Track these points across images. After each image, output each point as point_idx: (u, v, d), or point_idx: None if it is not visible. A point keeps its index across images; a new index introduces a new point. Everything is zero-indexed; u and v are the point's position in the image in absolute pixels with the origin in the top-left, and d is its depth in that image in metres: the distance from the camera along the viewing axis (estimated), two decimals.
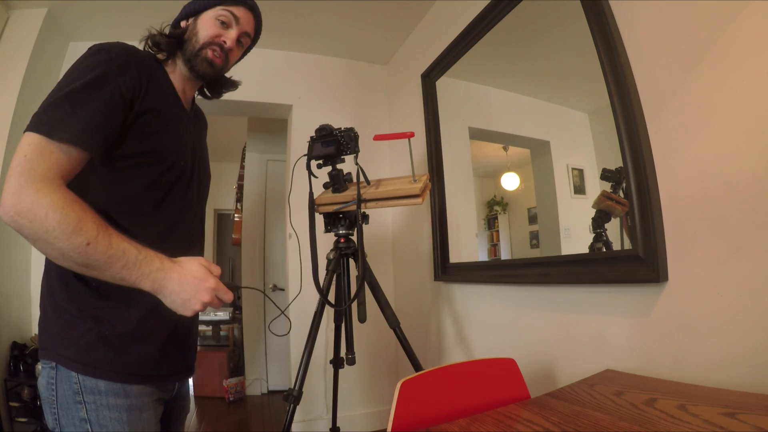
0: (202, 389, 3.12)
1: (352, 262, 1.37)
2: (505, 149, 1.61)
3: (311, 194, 1.30)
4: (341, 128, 1.27)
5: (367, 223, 1.30)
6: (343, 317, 1.40)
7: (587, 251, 1.15)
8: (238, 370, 3.36)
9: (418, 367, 1.26)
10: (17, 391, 1.74)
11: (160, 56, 0.83)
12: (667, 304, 0.92)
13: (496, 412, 0.73)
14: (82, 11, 1.96)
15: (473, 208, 1.75)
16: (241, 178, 3.41)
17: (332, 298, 1.37)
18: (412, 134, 1.19)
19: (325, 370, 2.21)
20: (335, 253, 1.34)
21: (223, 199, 4.95)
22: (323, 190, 1.38)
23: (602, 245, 1.12)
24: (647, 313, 0.96)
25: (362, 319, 1.29)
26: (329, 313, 1.98)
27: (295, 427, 1.44)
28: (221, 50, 0.84)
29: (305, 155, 1.33)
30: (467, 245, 1.78)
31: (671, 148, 0.93)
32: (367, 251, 1.35)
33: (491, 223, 1.64)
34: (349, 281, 1.39)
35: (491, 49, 1.60)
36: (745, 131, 0.79)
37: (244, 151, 3.39)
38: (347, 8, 2.07)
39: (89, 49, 0.70)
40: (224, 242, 5.11)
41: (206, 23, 0.84)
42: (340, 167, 1.31)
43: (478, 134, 1.77)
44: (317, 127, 1.30)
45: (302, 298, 1.44)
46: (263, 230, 3.33)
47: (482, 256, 1.69)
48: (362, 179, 1.25)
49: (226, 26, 0.85)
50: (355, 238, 1.36)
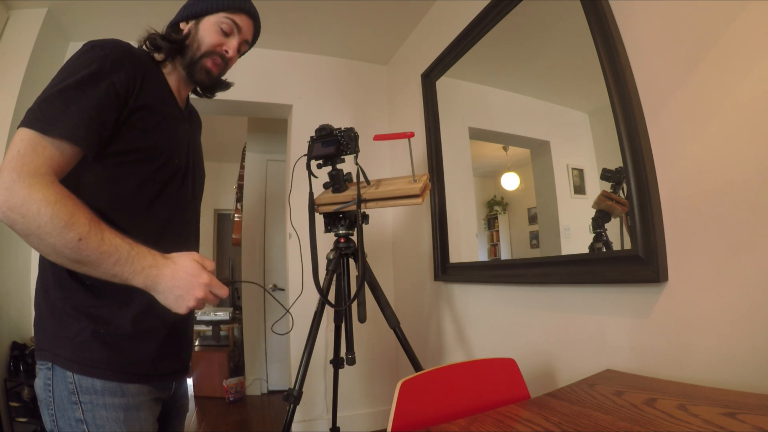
0: (202, 389, 3.11)
1: (352, 262, 1.37)
2: (505, 149, 1.60)
3: (311, 194, 1.30)
4: (341, 128, 1.27)
5: (367, 223, 1.30)
6: (343, 317, 1.40)
7: (587, 251, 1.15)
8: (238, 370, 3.36)
9: (418, 367, 1.26)
10: (17, 391, 1.74)
11: (157, 57, 0.82)
12: (667, 304, 0.92)
13: (496, 412, 0.73)
14: (82, 11, 1.96)
15: (473, 208, 1.75)
16: (241, 178, 3.41)
17: (332, 298, 1.37)
18: (412, 134, 1.19)
19: (325, 370, 2.20)
20: (335, 253, 1.34)
21: (223, 199, 4.95)
22: (323, 190, 1.38)
23: (602, 245, 1.12)
24: (647, 313, 0.96)
25: (362, 319, 1.29)
26: (329, 313, 1.98)
27: (295, 427, 1.44)
28: (221, 59, 0.85)
29: (305, 155, 1.33)
30: (467, 245, 1.78)
31: (671, 148, 0.93)
32: (367, 251, 1.35)
33: (491, 223, 1.64)
34: (349, 281, 1.39)
35: (491, 49, 1.60)
36: (745, 131, 0.79)
37: (244, 151, 3.39)
38: (347, 8, 2.07)
39: (84, 45, 0.70)
40: (224, 242, 5.11)
41: (208, 30, 0.83)
42: (340, 167, 1.32)
43: (478, 134, 1.77)
44: (317, 127, 1.30)
45: (302, 298, 1.44)
46: (263, 230, 3.33)
47: (482, 256, 1.69)
48: (362, 179, 1.25)
49: (227, 35, 0.85)
50: (355, 238, 1.36)
